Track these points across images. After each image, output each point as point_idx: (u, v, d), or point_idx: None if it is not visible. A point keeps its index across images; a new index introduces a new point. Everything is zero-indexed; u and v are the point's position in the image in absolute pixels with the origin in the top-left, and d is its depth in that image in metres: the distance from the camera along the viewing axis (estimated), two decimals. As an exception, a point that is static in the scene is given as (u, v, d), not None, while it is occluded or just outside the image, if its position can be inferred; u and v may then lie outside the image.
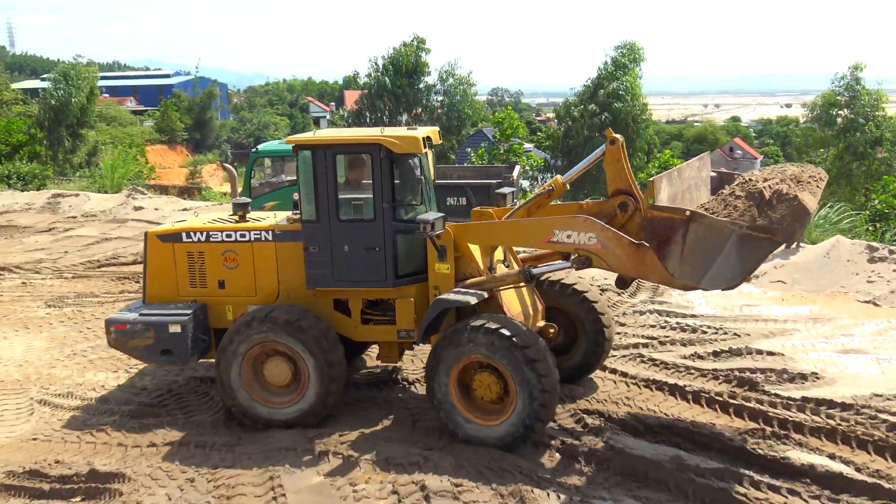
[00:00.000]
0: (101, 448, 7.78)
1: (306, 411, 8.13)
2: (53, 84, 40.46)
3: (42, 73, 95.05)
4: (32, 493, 6.98)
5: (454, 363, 7.55)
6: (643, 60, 37.36)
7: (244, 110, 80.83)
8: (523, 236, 8.05)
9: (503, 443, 7.47)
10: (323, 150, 8.04)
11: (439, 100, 40.41)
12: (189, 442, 7.81)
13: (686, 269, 6.64)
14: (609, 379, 9.30)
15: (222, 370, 8.14)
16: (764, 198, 6.43)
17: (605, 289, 13.04)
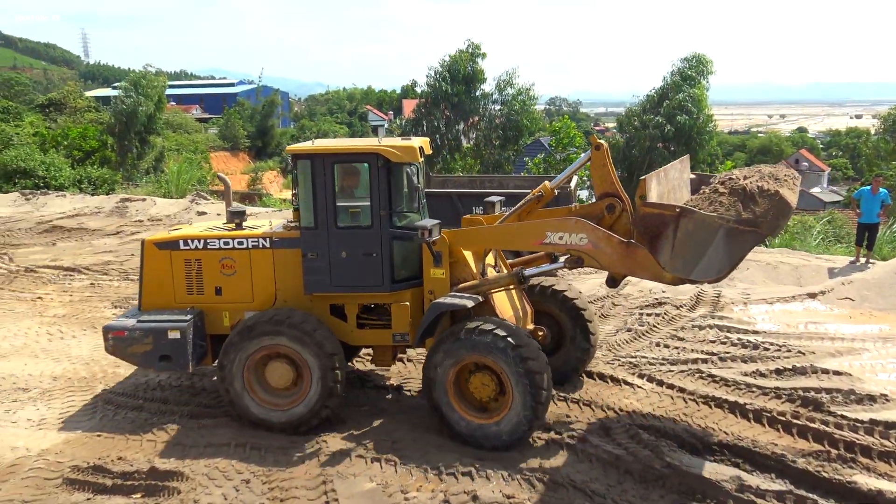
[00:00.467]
0: (161, 447, 7.98)
1: (307, 413, 8.29)
2: (124, 92, 41.91)
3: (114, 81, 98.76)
4: (95, 488, 7.20)
5: (452, 364, 7.83)
6: (711, 73, 36.55)
7: (305, 118, 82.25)
8: (517, 239, 8.37)
9: (499, 441, 7.73)
10: (322, 159, 8.27)
11: (497, 109, 40.34)
12: (245, 443, 7.95)
13: (677, 261, 6.91)
14: (666, 394, 9.11)
15: (225, 373, 8.34)
16: (747, 193, 6.77)
17: (663, 301, 12.81)
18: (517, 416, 7.66)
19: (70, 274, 15.72)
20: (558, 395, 9.06)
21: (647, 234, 7.04)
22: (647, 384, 9.44)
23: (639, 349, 10.76)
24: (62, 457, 7.72)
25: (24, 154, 32.21)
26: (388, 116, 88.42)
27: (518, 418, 7.66)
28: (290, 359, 8.34)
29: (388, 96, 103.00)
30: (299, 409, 8.30)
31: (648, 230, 7.01)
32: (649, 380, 9.55)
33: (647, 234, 7.04)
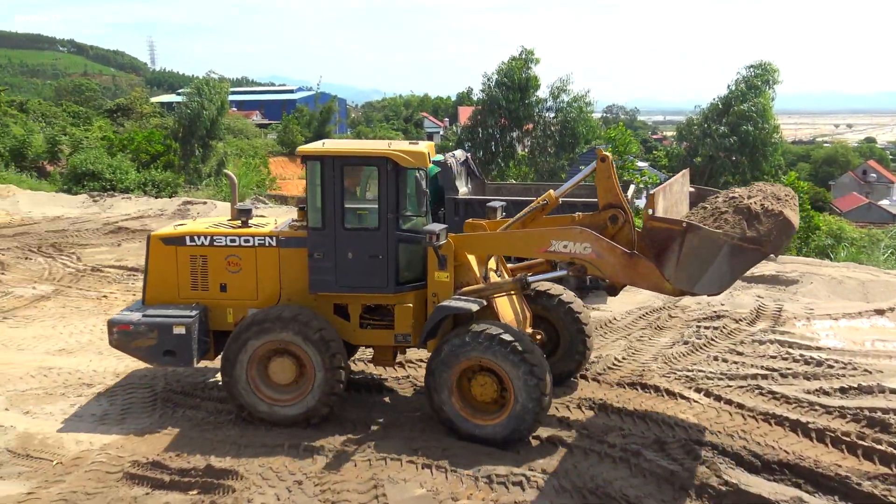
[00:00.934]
0: (218, 445, 8.14)
1: (310, 409, 8.46)
2: (188, 98, 43.09)
3: (178, 88, 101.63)
4: (154, 484, 7.38)
5: (455, 366, 8.00)
6: (778, 82, 35.53)
7: (361, 125, 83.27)
8: (522, 246, 8.51)
9: (500, 440, 7.94)
10: (332, 161, 8.39)
11: (551, 116, 40.07)
12: (298, 445, 8.05)
13: (681, 274, 7.13)
14: (724, 410, 8.89)
15: (229, 369, 8.48)
16: (752, 213, 7.04)
17: (721, 314, 12.53)
18: (517, 419, 7.88)
19: (133, 274, 16.20)
20: (612, 406, 8.93)
21: (654, 247, 7.23)
22: (703, 399, 9.23)
23: (696, 363, 10.53)
24: (123, 451, 7.95)
25: (93, 157, 33.40)
26: (443, 123, 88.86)
27: (517, 421, 7.89)
28: (293, 355, 8.50)
29: (443, 103, 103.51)
30: (301, 406, 8.49)
31: (655, 243, 7.20)
32: (706, 394, 9.34)
33: (654, 248, 7.24)
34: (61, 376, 10.14)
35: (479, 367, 8.04)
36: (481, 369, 8.05)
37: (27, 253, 17.97)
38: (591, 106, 39.86)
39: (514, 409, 7.89)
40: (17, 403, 9.19)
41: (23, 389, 9.68)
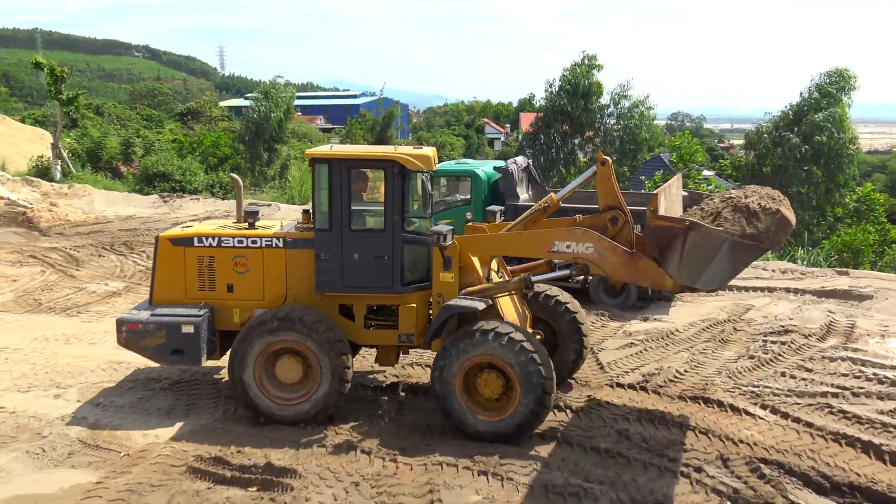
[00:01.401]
0: (277, 443, 8.28)
1: (318, 405, 8.60)
2: (255, 102, 44.13)
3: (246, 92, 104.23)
4: (216, 479, 7.56)
5: (463, 364, 8.21)
6: (854, 89, 34.10)
7: (422, 130, 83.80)
8: (526, 246, 8.75)
9: (506, 435, 8.17)
10: (339, 164, 8.58)
11: (612, 123, 39.51)
12: (356, 447, 8.13)
13: (684, 271, 7.47)
14: (791, 428, 8.60)
15: (237, 368, 8.60)
16: (751, 211, 7.37)
17: (790, 329, 12.13)
18: (521, 416, 8.11)
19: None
20: (673, 419, 8.75)
21: (658, 244, 7.60)
22: (769, 416, 8.96)
23: (762, 378, 10.22)
24: (187, 445, 8.17)
25: (164, 159, 34.52)
26: (504, 129, 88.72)
27: (522, 417, 8.12)
28: (300, 355, 8.64)
29: (505, 109, 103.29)
30: (308, 405, 8.64)
31: (659, 241, 7.58)
32: (773, 411, 9.06)
33: (658, 245, 7.61)
34: (130, 370, 10.49)
35: (486, 364, 8.25)
36: (487, 367, 8.26)
37: (100, 250, 18.68)
38: (653, 110, 39.06)
39: (519, 405, 8.11)
40: (88, 395, 9.54)
41: (94, 382, 10.04)
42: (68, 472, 7.60)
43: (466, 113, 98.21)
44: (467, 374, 8.35)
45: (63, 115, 36.14)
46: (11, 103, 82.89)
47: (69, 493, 7.17)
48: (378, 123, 71.19)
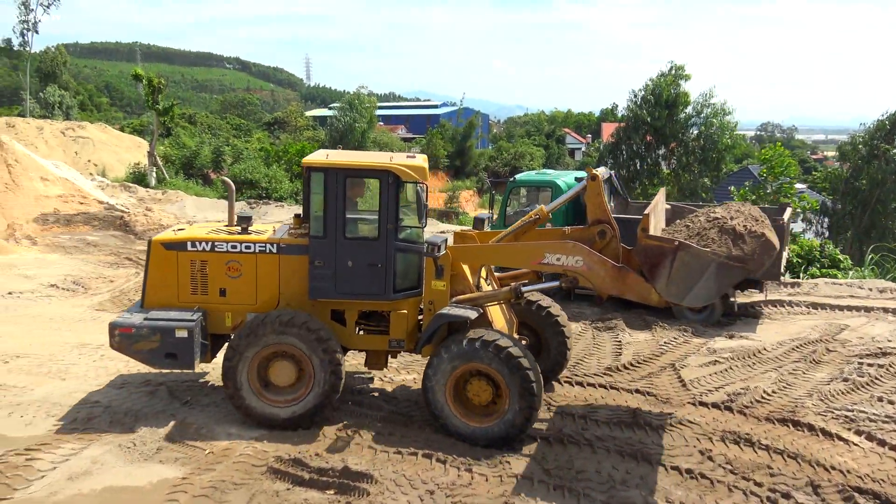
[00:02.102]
0: (355, 448, 8.41)
1: (312, 407, 8.74)
2: (340, 112, 45.19)
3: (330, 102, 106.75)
4: (294, 480, 7.71)
5: (453, 371, 8.45)
6: (955, 97, 32.13)
7: (503, 140, 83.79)
8: (517, 258, 9.04)
9: (495, 440, 8.41)
10: (335, 173, 8.72)
11: (695, 132, 38.45)
12: (431, 455, 8.15)
13: (672, 288, 7.88)
14: (888, 456, 8.16)
15: (231, 372, 8.68)
16: (737, 233, 7.75)
17: (888, 351, 11.49)
18: (511, 421, 8.36)
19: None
20: (759, 442, 8.41)
21: (647, 262, 7.98)
22: (865, 442, 8.50)
23: (856, 402, 9.71)
24: (267, 446, 8.37)
25: (251, 167, 35.74)
26: (585, 140, 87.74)
27: (511, 422, 8.36)
28: (293, 358, 8.76)
29: (587, 119, 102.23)
30: (301, 406, 8.76)
31: (648, 259, 7.96)
32: (868, 438, 8.59)
33: (647, 263, 7.98)
34: (216, 370, 10.83)
35: (476, 371, 8.47)
36: (477, 374, 8.49)
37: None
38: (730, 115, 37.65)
39: (508, 410, 8.35)
40: (177, 393, 9.90)
41: (183, 380, 10.42)
42: (157, 466, 7.90)
43: (547, 123, 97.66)
44: (457, 381, 8.57)
45: (159, 124, 37.89)
46: (112, 113, 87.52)
47: (157, 487, 7.45)
48: (458, 133, 71.65)
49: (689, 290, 7.85)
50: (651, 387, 10.44)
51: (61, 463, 7.81)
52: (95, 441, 8.35)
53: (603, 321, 13.86)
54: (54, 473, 7.60)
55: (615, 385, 10.46)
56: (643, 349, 12.28)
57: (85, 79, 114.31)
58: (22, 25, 56.61)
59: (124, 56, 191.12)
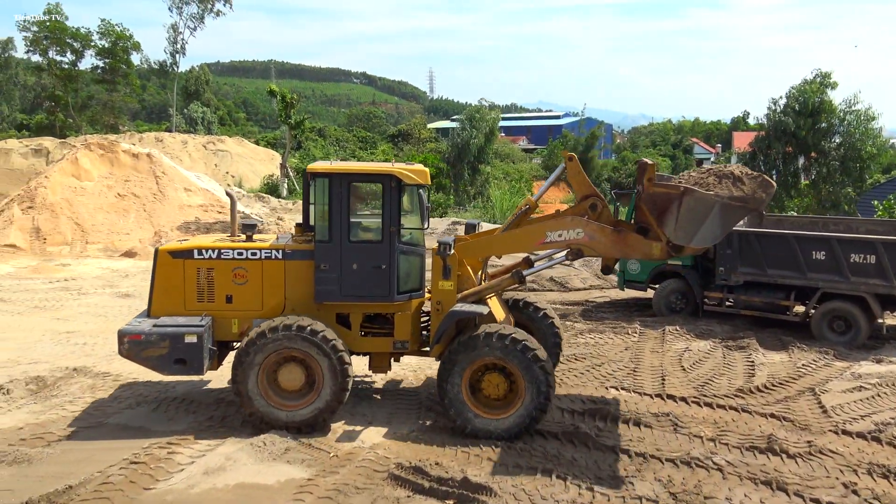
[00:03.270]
0: (474, 459, 8.41)
1: (322, 409, 8.90)
2: (461, 125, 45.72)
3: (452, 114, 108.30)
4: (415, 488, 7.79)
5: (468, 365, 8.78)
6: None
7: (626, 150, 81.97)
8: (520, 243, 9.43)
9: (510, 433, 8.75)
10: (339, 178, 8.96)
11: (836, 140, 36.02)
12: (551, 471, 8.02)
13: (679, 232, 8.41)
14: None
15: (240, 378, 8.72)
16: (736, 177, 8.37)
17: None
18: (525, 412, 8.71)
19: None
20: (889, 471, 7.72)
21: (656, 209, 8.44)
22: None
23: None
24: (389, 453, 8.53)
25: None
26: (715, 150, 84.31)
27: (525, 414, 8.72)
28: (301, 362, 8.88)
29: (716, 128, 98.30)
30: (310, 409, 8.89)
31: (656, 207, 8.43)
32: None
33: (655, 211, 8.45)
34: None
35: (490, 366, 8.81)
36: (493, 367, 8.82)
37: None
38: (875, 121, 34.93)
39: (524, 402, 8.70)
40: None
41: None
42: (284, 466, 8.21)
43: (674, 132, 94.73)
44: (472, 376, 8.86)
45: (291, 137, 39.74)
46: (248, 127, 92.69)
47: (285, 487, 7.75)
48: (580, 144, 70.79)
49: (695, 232, 8.37)
50: (788, 411, 9.84)
51: (198, 458, 8.27)
52: (230, 438, 8.79)
53: (734, 339, 13.24)
54: (192, 467, 8.05)
55: (747, 408, 9.94)
56: (779, 371, 11.61)
57: (224, 95, 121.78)
58: (172, 48, 61.16)
59: (260, 73, 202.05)
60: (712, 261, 14.68)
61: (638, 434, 9.14)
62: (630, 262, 15.62)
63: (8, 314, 15.09)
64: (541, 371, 8.64)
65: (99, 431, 9.05)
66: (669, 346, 12.98)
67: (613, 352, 12.65)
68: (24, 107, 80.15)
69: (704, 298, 14.96)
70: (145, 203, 25.54)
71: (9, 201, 24.38)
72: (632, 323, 14.40)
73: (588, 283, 18.96)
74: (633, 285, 16.04)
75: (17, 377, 10.70)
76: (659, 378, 11.23)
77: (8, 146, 40.56)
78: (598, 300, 17.12)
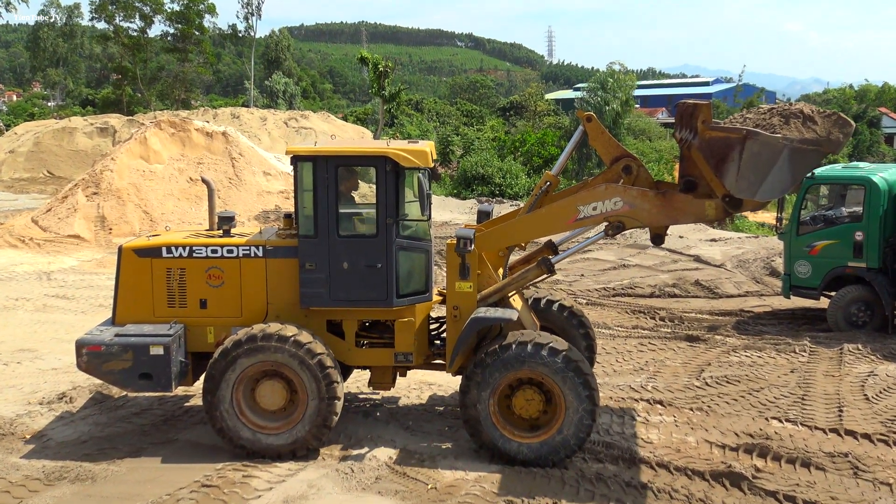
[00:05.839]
0: (600, 500, 8.34)
1: (298, 440, 8.91)
2: (589, 93, 45.21)
3: (575, 83, 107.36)
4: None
5: (500, 379, 8.73)
6: None
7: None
8: (548, 225, 9.26)
9: (547, 458, 8.77)
10: (325, 162, 8.90)
11: None
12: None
13: (742, 182, 8.26)
14: None
15: (212, 393, 8.68)
16: (806, 115, 8.16)
17: None
18: (566, 435, 8.72)
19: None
20: None
21: (714, 157, 8.36)
22: None
23: None
24: (496, 487, 8.55)
25: (483, 160, 36.89)
26: (911, 122, 79.67)
27: (566, 437, 8.72)
28: (284, 378, 8.92)
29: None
30: (289, 436, 8.93)
31: (715, 154, 8.32)
32: None
33: (713, 158, 8.36)
34: (438, 394, 11.31)
35: (526, 380, 8.80)
36: (528, 382, 8.81)
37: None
38: None
39: (563, 425, 8.70)
40: (397, 417, 10.47)
41: (402, 403, 11.00)
42: (375, 497, 8.39)
43: (855, 101, 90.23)
44: (501, 393, 8.85)
45: (384, 112, 40.51)
46: (335, 101, 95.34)
47: (375, 522, 7.92)
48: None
49: (761, 182, 8.24)
50: None
51: (277, 483, 8.57)
52: (313, 463, 9.05)
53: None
54: (270, 494, 8.35)
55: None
56: None
57: (308, 64, 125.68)
58: (245, 10, 63.60)
59: (349, 38, 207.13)
60: (907, 262, 13.92)
61: (807, 478, 8.81)
62: (798, 263, 14.97)
63: (71, 313, 16.10)
64: (584, 387, 8.61)
65: (169, 449, 9.51)
66: (849, 369, 12.42)
67: (776, 374, 12.22)
68: (90, 80, 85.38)
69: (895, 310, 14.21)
70: (220, 189, 26.60)
71: (73, 186, 25.94)
72: (800, 339, 13.85)
73: (743, 288, 18.38)
74: (801, 292, 15.37)
75: (81, 384, 11.40)
76: (835, 409, 10.78)
77: (72, 125, 43.38)
78: (757, 310, 16.56)
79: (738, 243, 23.59)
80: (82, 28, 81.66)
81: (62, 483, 8.55)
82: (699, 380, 11.84)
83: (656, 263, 20.92)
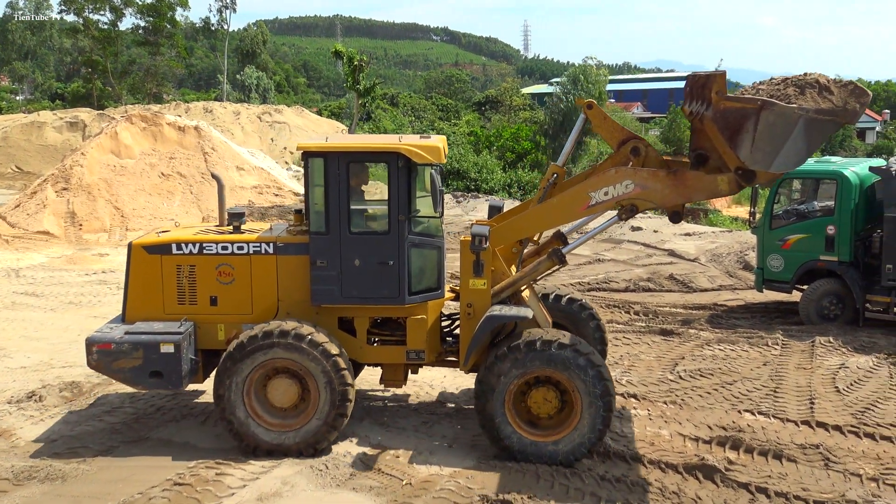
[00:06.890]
0: (574, 494, 8.38)
1: (313, 435, 8.91)
2: (562, 88, 45.34)
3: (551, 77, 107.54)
4: (502, 525, 7.84)
5: (516, 379, 8.75)
6: None
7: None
8: (560, 214, 9.21)
9: (565, 458, 8.77)
10: (336, 157, 8.87)
11: None
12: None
13: (758, 154, 8.23)
14: None
15: (223, 391, 8.71)
16: (822, 85, 8.10)
17: None
18: (581, 437, 8.75)
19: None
20: None
21: (728, 128, 8.25)
22: None
23: None
24: (472, 482, 8.58)
25: (458, 155, 36.93)
26: (881, 117, 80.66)
27: (581, 439, 8.75)
28: (296, 376, 8.95)
29: (883, 90, 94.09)
30: (301, 434, 8.94)
31: (729, 125, 8.22)
32: None
33: (728, 129, 8.25)
34: (418, 390, 11.31)
35: (543, 378, 8.81)
36: (545, 381, 8.82)
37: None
38: None
39: (578, 427, 8.73)
40: (373, 414, 10.47)
41: (378, 400, 10.99)
42: (349, 494, 8.39)
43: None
44: (516, 391, 8.86)
45: (359, 106, 40.40)
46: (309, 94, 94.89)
47: (350, 518, 7.92)
48: (710, 111, 68.92)
49: (776, 153, 8.21)
50: (976, 448, 9.38)
51: (251, 481, 8.55)
52: (287, 460, 9.03)
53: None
54: (243, 492, 8.33)
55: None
56: (964, 396, 11.06)
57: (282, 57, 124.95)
58: (219, 3, 63.10)
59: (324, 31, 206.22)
60: (877, 256, 14.09)
61: (779, 469, 8.92)
62: (770, 257, 15.13)
63: (41, 311, 15.95)
64: (603, 387, 8.63)
65: (140, 447, 9.47)
66: (820, 361, 12.57)
67: (749, 367, 12.34)
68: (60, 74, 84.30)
69: (866, 303, 14.38)
70: (192, 184, 26.48)
71: (42, 182, 25.67)
72: (772, 332, 14.00)
73: (717, 282, 18.54)
74: (774, 286, 15.53)
75: (51, 382, 11.30)
76: (807, 401, 10.90)
77: (41, 119, 42.87)
78: (730, 303, 16.70)
79: (712, 237, 23.80)
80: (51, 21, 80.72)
81: (32, 483, 8.48)
82: (673, 373, 11.95)
83: (631, 258, 21.06)
